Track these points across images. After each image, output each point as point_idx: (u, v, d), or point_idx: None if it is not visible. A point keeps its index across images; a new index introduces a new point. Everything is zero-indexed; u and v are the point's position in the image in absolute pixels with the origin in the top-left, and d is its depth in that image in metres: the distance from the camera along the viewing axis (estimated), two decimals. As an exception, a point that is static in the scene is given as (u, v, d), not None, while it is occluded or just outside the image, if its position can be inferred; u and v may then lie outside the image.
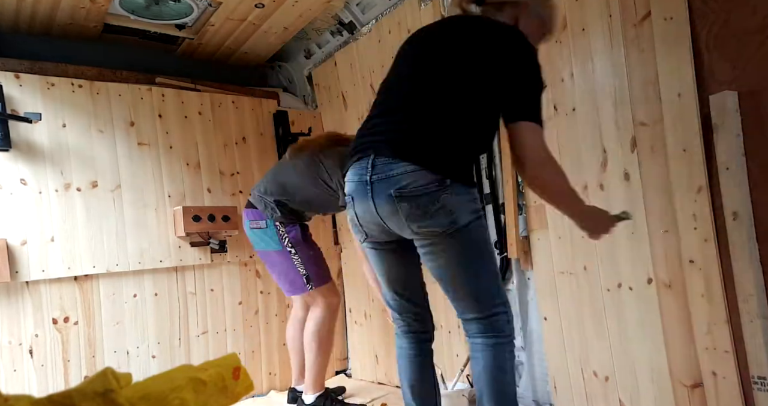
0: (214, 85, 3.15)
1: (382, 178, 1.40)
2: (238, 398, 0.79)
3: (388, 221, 1.44)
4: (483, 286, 1.46)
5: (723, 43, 1.59)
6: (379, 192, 1.41)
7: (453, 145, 1.41)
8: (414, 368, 1.64)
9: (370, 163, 1.42)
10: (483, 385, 1.45)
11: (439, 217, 1.37)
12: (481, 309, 1.46)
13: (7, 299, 2.41)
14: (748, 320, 1.53)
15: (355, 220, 1.53)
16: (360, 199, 1.47)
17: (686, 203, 1.67)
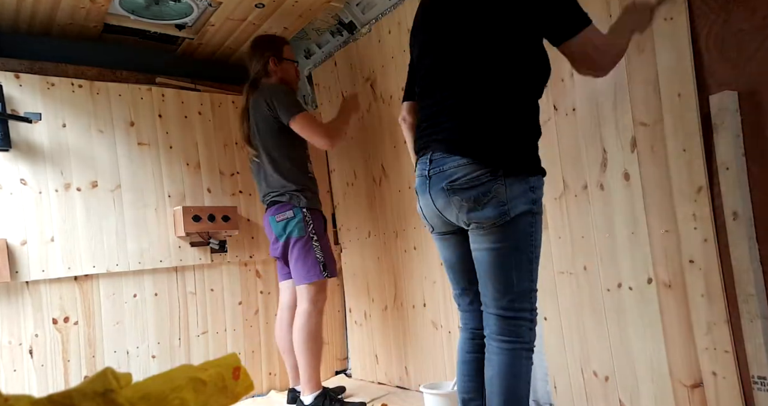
0: (214, 85, 3.15)
1: (437, 172, 1.45)
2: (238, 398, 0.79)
3: (445, 213, 1.49)
4: (514, 283, 1.43)
5: (723, 43, 1.59)
6: (435, 185, 1.46)
7: (503, 132, 1.41)
8: (463, 365, 1.64)
9: (428, 158, 1.48)
10: (494, 390, 1.43)
11: (490, 208, 1.38)
12: (506, 306, 1.44)
13: (7, 299, 2.41)
14: (748, 320, 1.53)
15: (420, 213, 1.61)
16: (422, 193, 1.54)
17: (686, 203, 1.67)
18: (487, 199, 1.37)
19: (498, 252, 1.43)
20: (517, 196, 1.39)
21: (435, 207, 1.49)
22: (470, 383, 1.61)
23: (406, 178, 2.78)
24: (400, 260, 2.87)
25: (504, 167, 1.37)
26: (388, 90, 2.83)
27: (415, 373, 2.80)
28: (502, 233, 1.41)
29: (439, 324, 2.64)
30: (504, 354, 1.43)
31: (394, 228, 2.89)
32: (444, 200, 1.45)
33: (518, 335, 1.44)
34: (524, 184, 1.41)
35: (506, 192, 1.38)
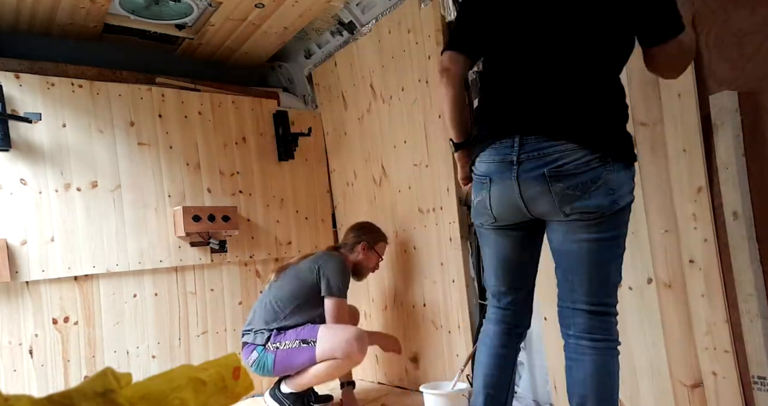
0: (214, 85, 3.15)
1: (533, 157, 1.30)
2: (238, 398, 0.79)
3: (532, 204, 1.34)
4: (611, 278, 1.36)
5: (723, 43, 1.59)
6: (529, 171, 1.31)
7: (611, 117, 1.33)
8: (494, 359, 1.52)
9: (518, 142, 1.32)
10: (588, 392, 1.34)
11: (599, 196, 1.27)
12: (597, 300, 1.35)
13: (7, 299, 2.41)
14: (748, 320, 1.53)
15: (486, 202, 1.42)
16: (500, 180, 1.36)
17: (686, 203, 1.67)
18: (595, 187, 1.27)
19: (600, 244, 1.32)
20: (624, 184, 1.31)
21: (519, 195, 1.34)
22: (498, 378, 1.52)
23: (406, 178, 2.78)
24: (400, 260, 2.87)
25: (613, 154, 1.28)
26: (388, 90, 2.84)
27: (415, 373, 2.80)
28: (608, 224, 1.31)
29: (439, 324, 2.64)
30: (597, 354, 1.34)
31: (394, 228, 2.89)
32: (539, 188, 1.30)
33: (610, 332, 1.36)
34: (629, 171, 1.33)
35: (615, 179, 1.28)
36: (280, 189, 3.24)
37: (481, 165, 1.42)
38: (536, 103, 1.33)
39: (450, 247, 2.54)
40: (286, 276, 2.58)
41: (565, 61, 1.32)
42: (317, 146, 3.43)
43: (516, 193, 1.34)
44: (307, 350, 2.38)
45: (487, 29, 1.44)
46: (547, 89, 1.32)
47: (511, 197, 1.36)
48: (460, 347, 2.51)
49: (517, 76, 1.37)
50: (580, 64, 1.32)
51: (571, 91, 1.31)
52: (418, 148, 2.70)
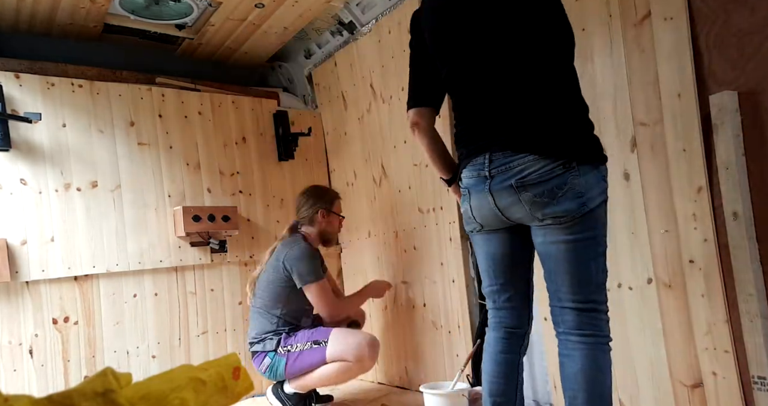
0: (214, 85, 3.15)
1: (501, 171, 1.40)
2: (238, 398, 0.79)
3: (508, 212, 1.42)
4: (592, 274, 1.40)
5: (723, 43, 1.59)
6: (499, 183, 1.40)
7: (569, 122, 1.38)
8: (496, 366, 1.55)
9: (488, 158, 1.42)
10: (578, 387, 1.36)
11: (566, 201, 1.33)
12: (582, 298, 1.39)
13: (7, 299, 2.41)
14: (748, 320, 1.53)
15: (469, 211, 1.52)
16: (477, 193, 1.47)
17: (686, 203, 1.67)
18: (562, 192, 1.33)
19: (577, 244, 1.37)
20: (593, 186, 1.36)
21: (495, 206, 1.43)
22: (503, 385, 1.54)
23: (406, 178, 2.78)
24: (400, 260, 2.87)
25: (576, 158, 1.33)
26: (388, 90, 2.84)
27: (415, 373, 2.80)
28: (581, 225, 1.35)
29: (439, 324, 2.64)
30: (587, 349, 1.38)
31: (394, 228, 2.89)
32: (510, 198, 1.39)
33: (599, 328, 1.39)
34: (597, 173, 1.38)
35: (582, 183, 1.33)
36: (280, 189, 3.24)
37: (464, 179, 1.53)
38: (498, 122, 1.43)
39: (450, 247, 2.54)
40: (259, 285, 2.58)
41: (510, 79, 1.41)
42: (317, 146, 3.43)
43: (492, 204, 1.44)
44: (318, 350, 2.38)
45: (435, 74, 1.59)
46: (504, 108, 1.42)
47: (488, 207, 1.46)
48: (460, 347, 2.51)
49: (477, 102, 1.48)
50: (525, 79, 1.40)
51: (525, 106, 1.40)
52: (418, 148, 2.69)
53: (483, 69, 1.45)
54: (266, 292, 2.54)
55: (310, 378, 2.41)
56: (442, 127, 2.55)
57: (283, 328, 2.48)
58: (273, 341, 2.46)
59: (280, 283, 2.50)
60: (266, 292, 2.54)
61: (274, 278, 2.52)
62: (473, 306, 2.48)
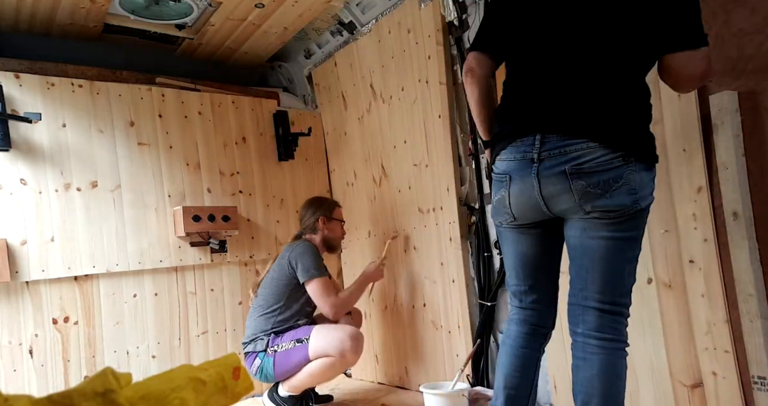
0: (214, 85, 3.15)
1: (554, 155, 1.29)
2: (238, 398, 0.79)
3: (552, 201, 1.33)
4: (624, 275, 1.35)
5: (723, 43, 1.59)
6: (549, 169, 1.30)
7: (635, 117, 1.31)
8: (516, 360, 1.49)
9: (538, 140, 1.31)
10: (594, 392, 1.32)
11: (620, 196, 1.26)
12: (609, 299, 1.34)
13: (7, 299, 2.41)
14: (748, 320, 1.53)
15: (505, 200, 1.41)
16: (520, 178, 1.35)
17: (686, 203, 1.67)
18: (617, 186, 1.26)
19: (618, 242, 1.32)
20: (646, 184, 1.30)
21: (539, 193, 1.33)
22: (520, 379, 1.49)
23: (406, 179, 2.78)
24: (400, 260, 2.87)
25: (636, 153, 1.27)
26: (388, 90, 2.84)
27: (415, 373, 2.80)
28: (627, 223, 1.30)
29: (439, 324, 2.64)
30: (605, 353, 1.33)
31: (394, 228, 2.89)
32: (560, 186, 1.29)
33: (620, 332, 1.35)
34: (651, 173, 1.32)
35: (637, 179, 1.27)
36: (280, 189, 3.24)
37: (501, 163, 1.41)
38: (558, 102, 1.32)
39: (450, 247, 2.54)
40: (263, 285, 2.61)
41: (587, 61, 1.32)
42: (317, 146, 3.43)
43: (536, 191, 1.33)
44: (301, 348, 2.38)
45: (512, 30, 1.45)
46: (569, 89, 1.32)
47: (531, 195, 1.35)
48: (460, 347, 2.51)
49: (540, 76, 1.38)
50: (602, 64, 1.31)
51: (593, 91, 1.31)
52: (418, 148, 2.70)
53: (563, 43, 1.34)
54: (268, 289, 2.55)
55: (299, 378, 2.41)
56: (442, 124, 2.55)
57: (276, 327, 2.48)
58: (263, 342, 2.47)
59: (284, 280, 2.52)
60: (268, 289, 2.55)
61: (279, 276, 2.54)
62: (473, 306, 2.48)
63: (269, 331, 2.48)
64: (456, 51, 2.51)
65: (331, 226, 2.70)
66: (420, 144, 2.68)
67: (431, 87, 2.57)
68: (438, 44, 2.50)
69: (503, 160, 1.40)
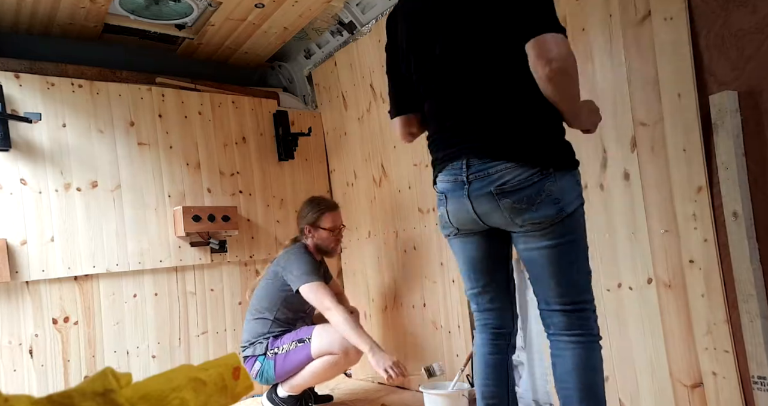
0: (214, 85, 3.15)
1: (480, 177, 1.39)
2: (238, 398, 0.79)
3: (486, 218, 1.43)
4: (576, 276, 1.42)
5: (723, 43, 1.59)
6: (477, 190, 1.40)
7: (543, 130, 1.38)
8: (486, 368, 1.57)
9: (465, 164, 1.42)
10: (572, 386, 1.39)
11: (545, 207, 1.35)
12: (569, 300, 1.41)
13: (7, 299, 2.41)
14: (748, 320, 1.53)
15: (445, 217, 1.52)
16: (455, 198, 1.46)
17: (686, 203, 1.67)
18: (540, 199, 1.35)
19: (558, 249, 1.39)
20: (569, 190, 1.38)
21: (474, 212, 1.43)
22: (496, 387, 1.56)
23: (406, 179, 2.78)
24: (400, 260, 2.87)
25: (553, 164, 1.35)
26: (388, 90, 2.83)
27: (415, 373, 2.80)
28: (560, 230, 1.38)
29: (439, 324, 2.64)
30: (578, 348, 1.40)
31: (394, 228, 2.89)
32: (490, 205, 1.40)
33: (588, 327, 1.42)
34: (572, 177, 1.40)
35: (558, 189, 1.35)
36: (280, 189, 3.24)
37: (440, 184, 1.52)
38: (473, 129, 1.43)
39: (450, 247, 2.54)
40: (259, 288, 2.60)
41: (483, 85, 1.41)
42: (317, 146, 3.43)
43: (470, 209, 1.44)
44: (304, 347, 2.38)
45: (410, 84, 1.60)
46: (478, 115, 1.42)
47: (468, 214, 1.45)
48: (460, 347, 2.51)
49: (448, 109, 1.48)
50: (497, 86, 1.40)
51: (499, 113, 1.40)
52: (418, 148, 2.69)
53: (454, 75, 1.45)
54: (263, 292, 2.55)
55: (301, 377, 2.41)
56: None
57: (274, 331, 2.49)
58: (262, 345, 2.47)
59: (277, 285, 2.52)
60: (263, 292, 2.55)
61: (272, 281, 2.54)
62: (473, 306, 2.48)
63: (267, 334, 2.48)
64: (456, 51, 2.50)
65: (317, 233, 2.63)
66: (420, 144, 2.66)
67: (431, 87, 2.57)
68: (438, 44, 2.50)
69: (441, 181, 1.51)
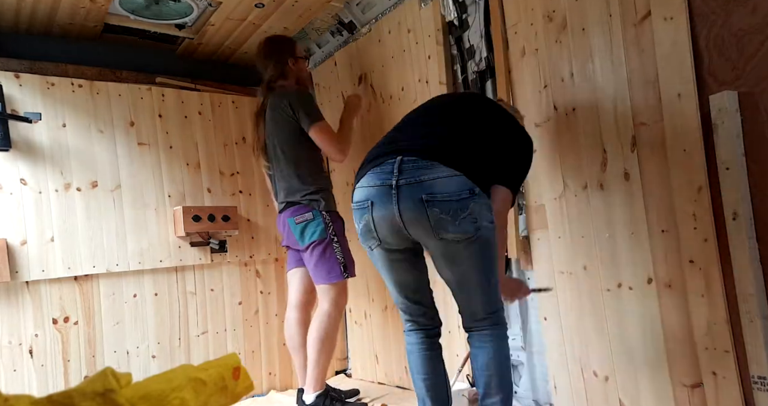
0: (214, 85, 3.15)
1: (411, 183, 1.45)
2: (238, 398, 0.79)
3: (411, 227, 1.48)
4: (493, 287, 1.58)
5: (723, 43, 1.59)
6: (407, 196, 1.45)
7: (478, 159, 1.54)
8: (426, 363, 1.70)
9: (397, 166, 1.47)
10: (493, 372, 1.56)
11: (466, 224, 1.44)
12: (491, 307, 1.58)
13: (7, 299, 2.41)
14: (748, 320, 1.53)
15: (370, 225, 1.55)
16: (382, 204, 1.49)
17: (686, 203, 1.67)
18: (464, 215, 1.44)
19: (474, 262, 1.52)
20: (485, 212, 1.50)
21: (400, 219, 1.48)
22: (434, 378, 1.70)
23: (406, 178, 2.78)
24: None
25: (480, 185, 1.48)
26: (388, 90, 2.83)
27: (415, 373, 2.79)
28: (476, 245, 1.49)
29: (439, 324, 2.64)
30: (496, 341, 1.58)
31: (394, 228, 2.88)
32: (417, 212, 1.45)
33: (503, 321, 1.61)
34: (488, 203, 1.53)
35: (479, 209, 1.47)
36: (280, 189, 3.24)
37: (363, 190, 1.56)
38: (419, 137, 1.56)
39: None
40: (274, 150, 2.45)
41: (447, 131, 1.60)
42: (317, 146, 3.43)
43: (397, 218, 1.49)
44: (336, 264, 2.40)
45: None
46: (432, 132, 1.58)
47: (393, 222, 1.50)
48: (460, 347, 2.51)
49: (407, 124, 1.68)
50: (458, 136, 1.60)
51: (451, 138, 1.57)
52: (418, 148, 2.69)
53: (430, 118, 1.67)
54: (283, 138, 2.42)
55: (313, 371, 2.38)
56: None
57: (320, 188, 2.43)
58: (320, 203, 2.40)
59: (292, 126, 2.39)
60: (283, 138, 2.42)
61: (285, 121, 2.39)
62: (473, 306, 2.48)
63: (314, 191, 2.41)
64: (456, 51, 2.51)
65: (300, 65, 2.55)
66: None
67: (431, 87, 2.57)
68: (438, 44, 2.50)
69: (363, 186, 1.56)
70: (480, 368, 1.60)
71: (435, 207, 1.43)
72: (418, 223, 1.46)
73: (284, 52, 2.53)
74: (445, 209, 1.43)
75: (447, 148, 1.51)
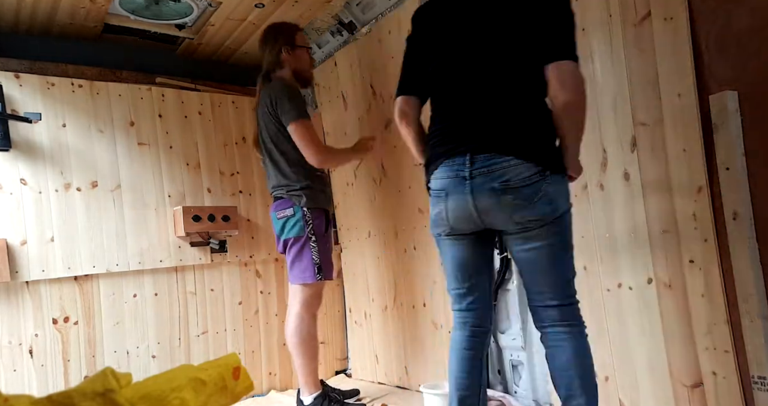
0: (214, 85, 3.15)
1: (483, 173, 1.46)
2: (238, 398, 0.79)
3: (486, 215, 1.49)
4: (569, 274, 1.53)
5: (723, 43, 1.59)
6: (482, 185, 1.46)
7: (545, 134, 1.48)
8: (462, 362, 1.65)
9: (468, 159, 1.47)
10: (574, 372, 1.48)
11: (541, 206, 1.43)
12: (565, 296, 1.52)
13: (7, 299, 2.41)
14: (748, 320, 1.53)
15: (443, 214, 1.56)
16: (456, 194, 1.51)
17: (686, 203, 1.67)
18: (537, 198, 1.43)
19: (550, 249, 1.49)
20: (561, 194, 1.48)
21: (474, 208, 1.49)
22: (468, 380, 1.64)
23: (406, 179, 2.78)
24: (400, 260, 2.87)
25: (550, 168, 1.44)
26: (388, 90, 2.83)
27: (415, 373, 2.79)
28: (552, 230, 1.47)
29: (439, 324, 2.64)
30: (575, 338, 1.50)
31: (394, 228, 2.88)
32: (492, 200, 1.46)
33: (579, 318, 1.53)
34: (564, 183, 1.50)
35: (553, 190, 1.45)
36: (280, 189, 3.24)
37: (438, 181, 1.57)
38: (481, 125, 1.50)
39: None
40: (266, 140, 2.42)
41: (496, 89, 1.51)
42: (317, 146, 3.43)
43: (471, 207, 1.49)
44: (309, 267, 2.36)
45: (428, 71, 1.66)
46: (487, 114, 1.51)
47: (467, 210, 1.51)
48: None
49: (459, 105, 1.57)
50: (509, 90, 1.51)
51: (507, 115, 1.49)
52: (418, 148, 2.69)
53: (474, 75, 1.53)
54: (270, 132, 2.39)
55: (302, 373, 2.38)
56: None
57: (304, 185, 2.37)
58: (302, 199, 2.34)
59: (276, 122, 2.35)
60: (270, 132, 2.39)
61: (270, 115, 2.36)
62: (473, 306, 2.48)
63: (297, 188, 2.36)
64: (456, 51, 2.50)
65: (296, 54, 2.45)
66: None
67: (431, 87, 2.57)
68: (438, 44, 2.49)
69: (439, 177, 1.56)
70: (559, 366, 1.51)
71: (508, 194, 1.44)
72: (494, 211, 1.47)
73: (279, 40, 2.43)
74: (519, 194, 1.43)
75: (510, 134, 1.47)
